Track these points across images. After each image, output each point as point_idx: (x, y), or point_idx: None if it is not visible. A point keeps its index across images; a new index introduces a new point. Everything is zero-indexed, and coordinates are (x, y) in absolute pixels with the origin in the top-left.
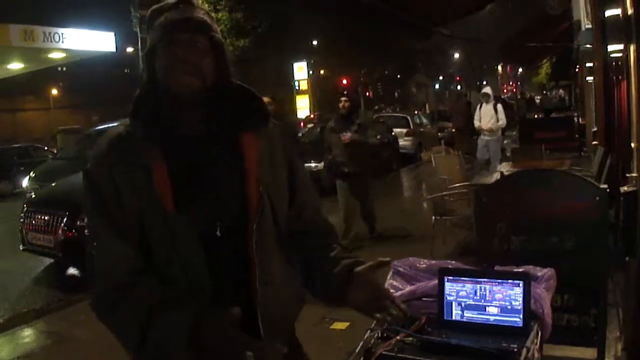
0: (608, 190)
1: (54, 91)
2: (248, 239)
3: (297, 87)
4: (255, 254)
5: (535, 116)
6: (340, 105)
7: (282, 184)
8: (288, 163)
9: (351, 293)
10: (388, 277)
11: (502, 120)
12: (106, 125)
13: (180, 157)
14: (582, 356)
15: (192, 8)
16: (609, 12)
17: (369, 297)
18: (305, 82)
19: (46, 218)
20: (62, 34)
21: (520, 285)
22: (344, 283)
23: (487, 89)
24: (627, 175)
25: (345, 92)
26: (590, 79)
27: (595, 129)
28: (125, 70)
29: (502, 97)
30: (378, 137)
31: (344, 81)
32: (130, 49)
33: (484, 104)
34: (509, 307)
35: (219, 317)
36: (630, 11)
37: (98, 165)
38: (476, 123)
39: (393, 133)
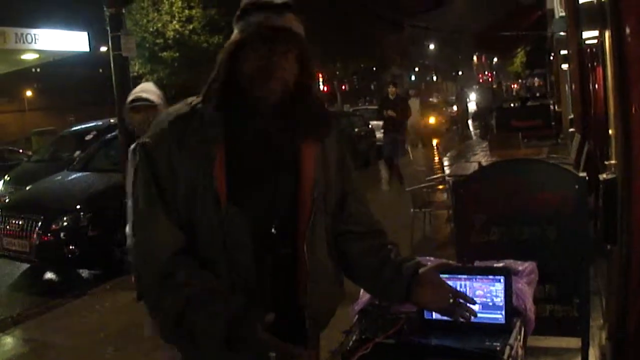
0: (587, 177)
1: (29, 93)
2: (299, 239)
3: None
4: (306, 253)
5: (512, 105)
6: None
7: (334, 186)
8: (338, 163)
9: (418, 293)
10: None
11: None
12: (82, 126)
13: (240, 149)
14: (567, 346)
15: (293, 17)
16: None
17: (434, 296)
18: None
19: (20, 223)
20: (34, 34)
21: (502, 280)
22: (410, 284)
23: None
24: (606, 162)
25: None
26: (565, 66)
27: (571, 116)
28: (100, 70)
29: None
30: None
31: (319, 76)
32: (104, 49)
33: None
34: (490, 303)
35: (255, 316)
36: None
37: (158, 141)
38: None
39: (370, 126)
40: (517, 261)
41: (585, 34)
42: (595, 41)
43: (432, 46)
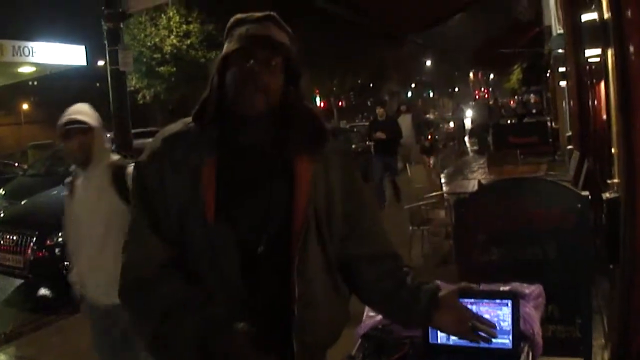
0: (589, 196)
1: (25, 106)
2: (290, 259)
3: None
4: (296, 275)
5: (509, 121)
6: None
7: (336, 207)
8: (344, 184)
9: (438, 317)
10: None
11: None
12: None
13: (231, 165)
14: None
15: (275, 27)
16: (584, 17)
17: (455, 320)
18: None
19: (15, 238)
20: (31, 47)
21: (509, 304)
22: (429, 308)
23: None
24: (608, 181)
25: None
26: (563, 83)
27: (569, 133)
28: (97, 84)
29: None
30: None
31: (316, 92)
32: (101, 62)
33: None
34: (497, 328)
35: (229, 329)
36: (607, 15)
37: (150, 159)
38: None
39: (367, 142)
40: (524, 284)
41: (588, 52)
42: (596, 59)
43: (428, 62)
